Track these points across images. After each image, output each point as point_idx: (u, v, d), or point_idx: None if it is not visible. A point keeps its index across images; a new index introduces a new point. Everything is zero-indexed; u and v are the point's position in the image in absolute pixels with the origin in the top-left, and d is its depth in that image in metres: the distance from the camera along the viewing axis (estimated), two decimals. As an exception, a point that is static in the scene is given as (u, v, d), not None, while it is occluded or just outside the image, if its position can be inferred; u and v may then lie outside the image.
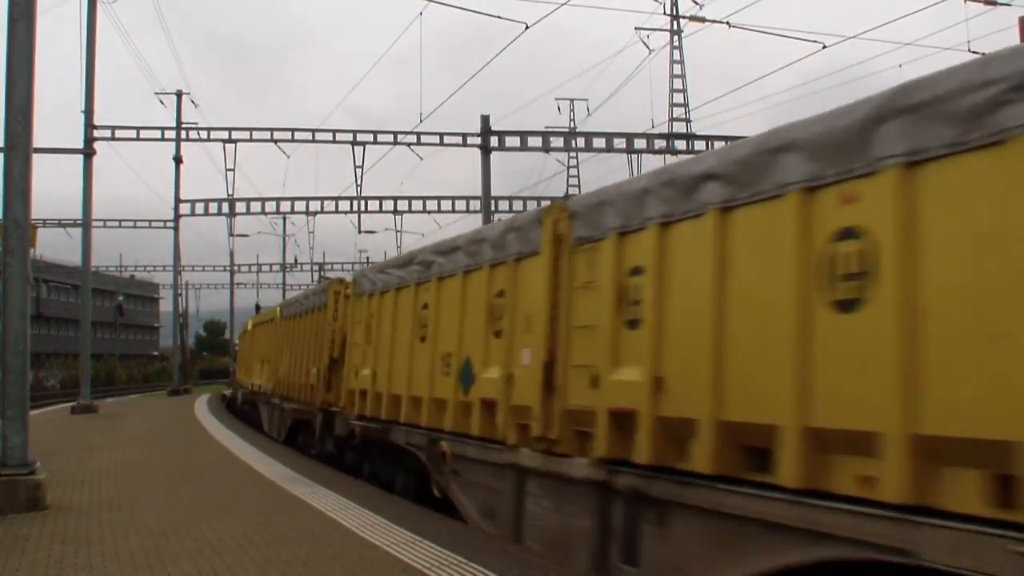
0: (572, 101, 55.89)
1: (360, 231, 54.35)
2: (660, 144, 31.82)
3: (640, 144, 31.06)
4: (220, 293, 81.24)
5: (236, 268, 64.57)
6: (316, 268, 64.58)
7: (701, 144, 30.75)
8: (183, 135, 35.72)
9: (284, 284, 66.77)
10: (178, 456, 16.01)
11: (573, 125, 50.74)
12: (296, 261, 65.72)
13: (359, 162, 31.43)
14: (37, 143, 10.54)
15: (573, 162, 56.51)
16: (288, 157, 33.10)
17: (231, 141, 31.86)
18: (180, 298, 54.84)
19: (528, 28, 20.58)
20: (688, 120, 46.03)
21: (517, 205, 34.83)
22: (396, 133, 31.47)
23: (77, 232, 35.19)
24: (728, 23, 26.41)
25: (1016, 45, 4.82)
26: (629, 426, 6.18)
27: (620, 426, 6.32)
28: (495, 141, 29.25)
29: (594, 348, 6.71)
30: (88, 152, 29.80)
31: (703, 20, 29.99)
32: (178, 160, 41.20)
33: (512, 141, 29.66)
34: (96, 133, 30.20)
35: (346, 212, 36.07)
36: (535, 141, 30.32)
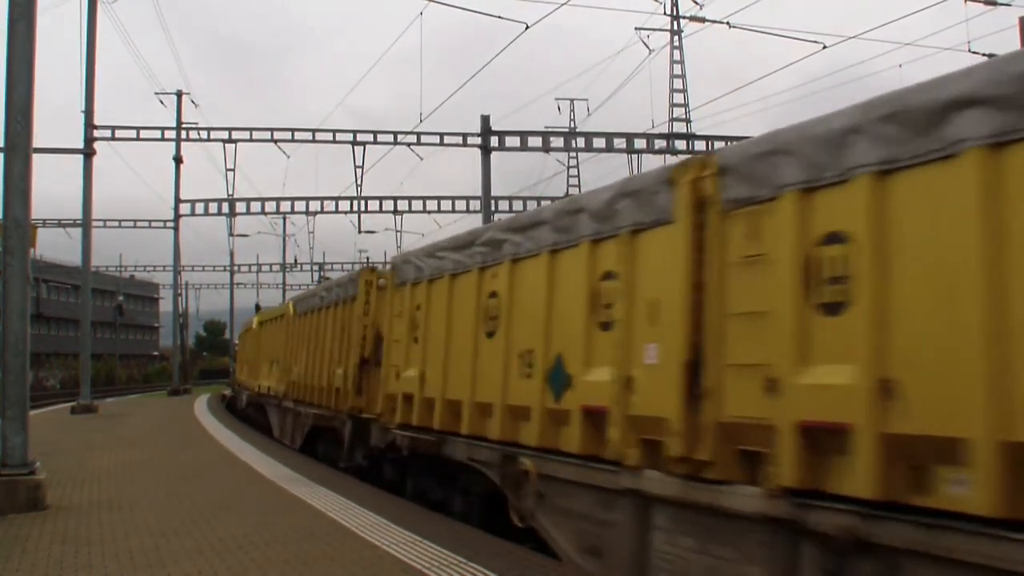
0: (572, 101, 56.01)
1: (360, 231, 54.52)
2: (660, 144, 31.83)
3: (640, 144, 31.07)
4: (220, 293, 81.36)
5: (236, 268, 64.66)
6: (316, 268, 64.64)
7: (701, 144, 30.79)
8: (183, 135, 35.77)
9: (284, 284, 66.97)
10: (178, 456, 16.02)
11: (573, 125, 50.80)
12: (296, 261, 65.80)
13: (359, 162, 31.50)
14: (37, 143, 10.56)
15: (573, 162, 56.58)
16: (288, 157, 33.21)
17: (231, 141, 31.90)
18: (180, 298, 54.96)
19: (528, 28, 20.60)
20: (688, 120, 46.09)
21: (517, 205, 34.88)
22: (396, 133, 31.52)
23: (77, 232, 35.27)
24: (728, 23, 26.44)
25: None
26: (832, 446, 4.81)
27: (813, 445, 4.95)
28: (495, 141, 29.25)
29: (767, 342, 5.30)
30: (88, 152, 29.81)
31: (703, 20, 30.01)
32: (178, 160, 41.29)
33: (512, 141, 29.67)
34: (96, 133, 30.21)
35: (346, 212, 36.16)
36: (535, 141, 30.33)
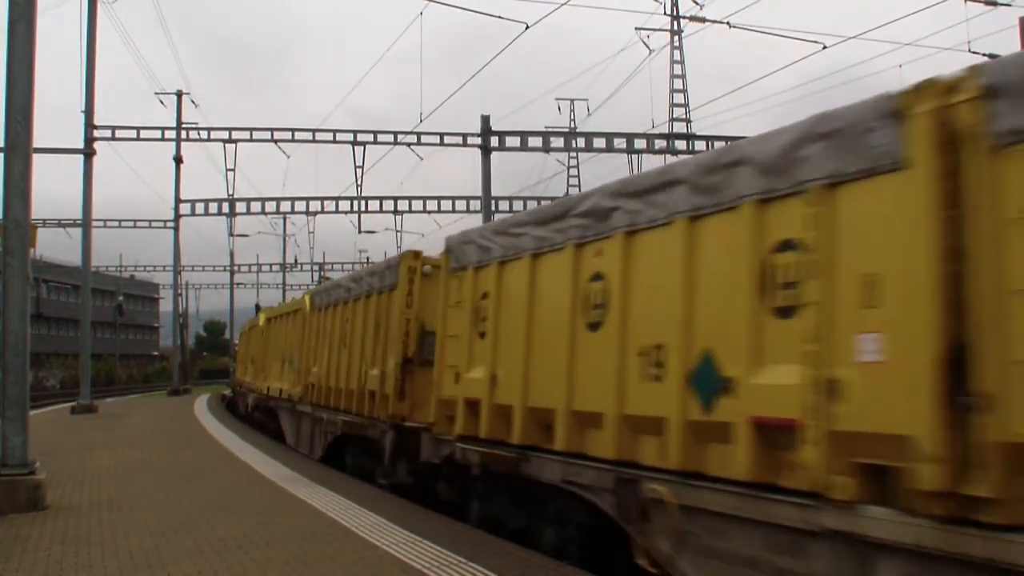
0: (572, 101, 55.95)
1: (360, 231, 54.37)
2: (660, 144, 31.82)
3: (640, 144, 31.06)
4: (220, 293, 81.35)
5: (236, 268, 64.76)
6: (316, 268, 64.67)
7: (701, 144, 30.77)
8: (183, 135, 35.76)
9: (284, 284, 67.02)
10: (178, 456, 16.02)
11: (573, 125, 50.80)
12: (296, 261, 65.92)
13: (359, 162, 31.50)
14: (37, 143, 10.56)
15: (573, 162, 56.59)
16: (288, 157, 33.24)
17: (231, 141, 31.91)
18: (180, 298, 54.92)
19: (528, 28, 20.59)
20: (688, 120, 46.10)
21: (517, 205, 34.87)
22: (396, 133, 31.52)
23: (77, 232, 35.33)
24: (728, 23, 26.41)
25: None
26: None
27: None
28: (495, 141, 29.24)
29: None
30: (88, 152, 29.82)
31: (703, 20, 29.98)
32: (178, 160, 41.28)
33: (512, 141, 29.66)
34: (96, 133, 30.21)
35: (346, 212, 36.19)
36: (535, 141, 30.32)
